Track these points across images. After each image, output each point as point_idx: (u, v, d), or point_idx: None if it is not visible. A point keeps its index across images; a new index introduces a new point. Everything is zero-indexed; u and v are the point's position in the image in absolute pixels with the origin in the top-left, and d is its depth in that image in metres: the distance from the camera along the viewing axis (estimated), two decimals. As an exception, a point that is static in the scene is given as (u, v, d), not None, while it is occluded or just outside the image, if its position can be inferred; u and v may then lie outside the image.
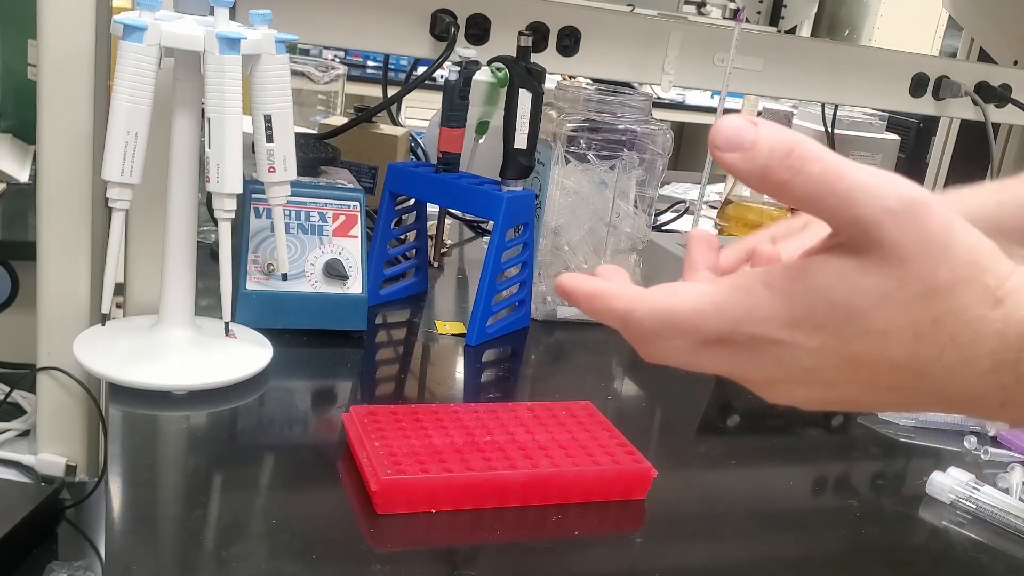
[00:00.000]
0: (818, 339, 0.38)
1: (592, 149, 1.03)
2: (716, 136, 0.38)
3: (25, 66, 1.39)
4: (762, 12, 1.72)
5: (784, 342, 0.39)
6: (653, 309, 0.40)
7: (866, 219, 0.36)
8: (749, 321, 0.39)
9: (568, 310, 1.07)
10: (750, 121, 0.38)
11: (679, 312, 0.40)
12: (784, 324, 0.38)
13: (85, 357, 0.79)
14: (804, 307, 0.38)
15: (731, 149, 0.38)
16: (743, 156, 0.38)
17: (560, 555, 0.66)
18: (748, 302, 0.39)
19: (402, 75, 1.41)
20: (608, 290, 0.42)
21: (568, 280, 0.43)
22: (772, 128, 0.38)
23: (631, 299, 0.41)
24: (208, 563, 0.58)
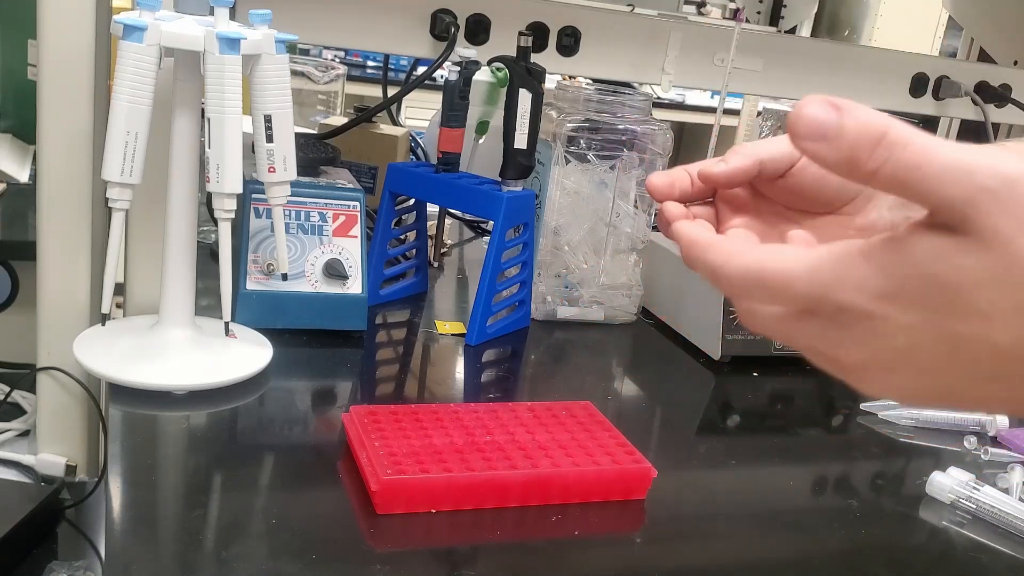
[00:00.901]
0: (914, 315, 0.35)
1: (592, 149, 1.03)
2: (797, 124, 0.37)
3: (25, 66, 1.39)
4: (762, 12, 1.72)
5: (875, 315, 0.36)
6: (743, 266, 0.39)
7: (960, 200, 0.34)
8: (839, 288, 0.36)
9: (568, 310, 1.07)
10: (832, 105, 0.36)
11: (769, 271, 0.38)
12: (876, 295, 0.36)
13: (85, 357, 0.79)
14: (898, 280, 0.36)
15: (814, 138, 0.36)
16: (828, 146, 0.36)
17: (560, 555, 0.67)
18: (840, 268, 0.37)
19: (402, 75, 1.40)
20: (706, 241, 0.41)
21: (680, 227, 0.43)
22: (857, 113, 0.36)
23: (727, 254, 0.40)
24: (208, 563, 0.58)
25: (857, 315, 0.36)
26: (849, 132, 0.36)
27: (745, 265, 0.39)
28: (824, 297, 0.37)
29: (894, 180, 0.36)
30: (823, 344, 0.38)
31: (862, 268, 0.36)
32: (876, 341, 0.37)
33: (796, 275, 0.37)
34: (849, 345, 0.37)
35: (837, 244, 0.37)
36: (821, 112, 0.36)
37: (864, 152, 0.36)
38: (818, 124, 0.36)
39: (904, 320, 0.36)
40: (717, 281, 0.40)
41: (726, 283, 0.40)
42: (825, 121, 0.36)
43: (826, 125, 0.36)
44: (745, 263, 0.39)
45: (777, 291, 0.38)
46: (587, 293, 1.08)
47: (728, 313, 1.00)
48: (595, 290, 1.08)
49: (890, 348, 0.36)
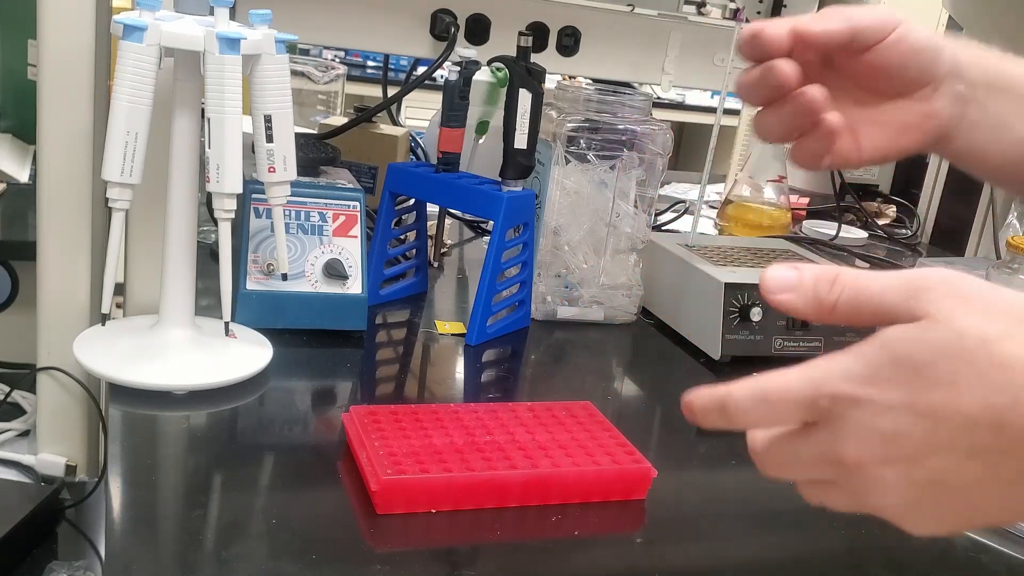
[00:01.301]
0: (893, 394, 0.39)
1: (592, 149, 1.03)
2: (766, 283, 0.43)
3: (25, 66, 1.39)
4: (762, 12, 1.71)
5: (861, 399, 0.39)
6: (745, 387, 0.43)
7: (902, 299, 0.40)
8: (829, 379, 0.40)
9: (568, 310, 1.07)
10: (791, 266, 0.43)
11: (770, 383, 0.42)
12: (859, 380, 0.40)
13: (85, 357, 0.79)
14: (875, 364, 0.40)
15: (782, 291, 0.43)
16: (796, 295, 0.43)
17: (560, 555, 0.66)
18: (828, 364, 0.41)
19: (402, 75, 1.41)
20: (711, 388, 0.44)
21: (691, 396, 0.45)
22: (812, 267, 0.43)
23: (730, 385, 0.43)
24: (208, 563, 0.58)
25: (847, 402, 0.40)
26: (808, 279, 0.43)
27: (748, 386, 0.42)
28: (818, 393, 0.41)
29: (850, 307, 0.42)
30: (823, 446, 0.41)
31: (845, 360, 0.41)
32: (865, 427, 0.40)
33: (791, 378, 0.42)
34: (844, 438, 0.40)
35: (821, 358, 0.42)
36: (783, 272, 0.43)
37: (824, 290, 0.42)
38: (785, 280, 0.43)
39: (886, 400, 0.39)
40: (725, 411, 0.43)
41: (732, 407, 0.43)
42: (789, 276, 0.43)
43: (790, 279, 0.43)
44: (747, 385, 0.43)
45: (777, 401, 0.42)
46: (587, 293, 1.08)
47: (728, 313, 1.00)
48: (595, 290, 1.08)
49: (877, 434, 0.39)
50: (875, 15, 0.57)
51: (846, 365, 0.40)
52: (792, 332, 1.03)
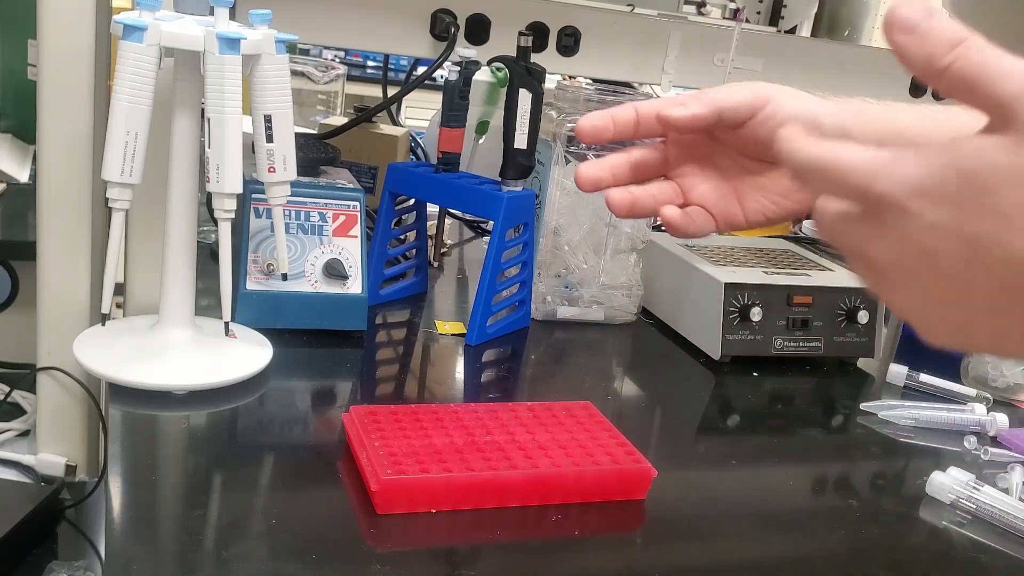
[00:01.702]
0: (942, 213, 0.37)
1: (592, 149, 1.03)
2: (891, 16, 0.40)
3: (25, 66, 1.39)
4: (762, 12, 1.71)
5: (909, 211, 0.37)
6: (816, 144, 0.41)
7: (1007, 96, 0.36)
8: (887, 176, 0.38)
9: (568, 310, 1.07)
10: (926, 11, 0.39)
11: (832, 159, 0.40)
12: (915, 189, 0.37)
13: (85, 357, 0.79)
14: (939, 176, 0.37)
15: (903, 31, 0.39)
16: (913, 39, 0.39)
17: (560, 555, 0.66)
18: (894, 158, 0.38)
19: (402, 75, 1.40)
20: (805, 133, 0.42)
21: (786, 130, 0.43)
22: (947, 20, 0.39)
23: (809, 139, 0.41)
24: (208, 563, 0.58)
25: (894, 209, 0.38)
26: (936, 30, 0.39)
27: (817, 153, 0.41)
28: (872, 185, 0.38)
29: (959, 77, 0.38)
30: (857, 239, 0.40)
31: (912, 162, 0.38)
32: (905, 238, 0.38)
33: (852, 160, 0.39)
34: (879, 241, 0.39)
35: (899, 145, 0.39)
36: (916, 11, 0.39)
37: (942, 49, 0.38)
38: (911, 19, 0.39)
39: (934, 217, 0.37)
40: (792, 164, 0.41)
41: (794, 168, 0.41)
42: (918, 18, 0.39)
43: (917, 21, 0.39)
44: (817, 151, 0.41)
45: (833, 178, 0.40)
46: (587, 293, 1.08)
47: (728, 313, 1.00)
48: (595, 290, 1.08)
49: (916, 248, 0.38)
50: (742, 95, 0.58)
51: (910, 167, 0.38)
52: (792, 332, 1.03)
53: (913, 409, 0.94)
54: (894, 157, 0.38)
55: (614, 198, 0.59)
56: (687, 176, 0.61)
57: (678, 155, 0.61)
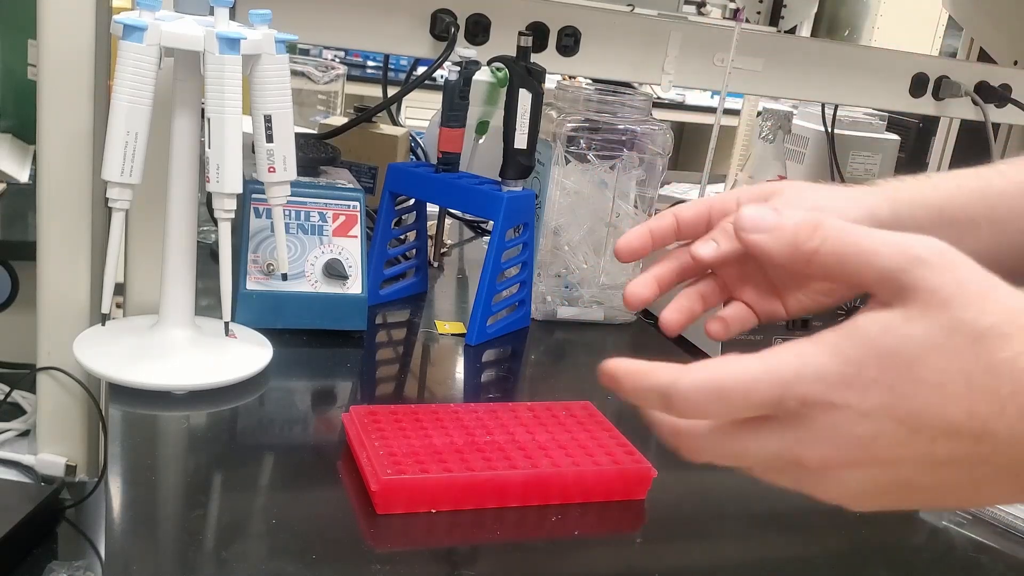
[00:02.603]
0: (872, 399, 0.36)
1: (592, 149, 1.03)
2: (741, 221, 0.40)
3: (25, 66, 1.39)
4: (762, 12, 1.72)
5: (837, 405, 0.36)
6: (698, 379, 0.38)
7: (898, 267, 0.36)
8: (800, 381, 0.37)
9: (568, 310, 1.07)
10: (772, 208, 0.40)
11: (728, 378, 0.38)
12: (836, 383, 0.36)
13: (85, 357, 0.79)
14: (855, 363, 0.36)
15: (757, 231, 0.40)
16: (771, 236, 0.40)
17: (560, 555, 0.66)
18: (798, 361, 0.37)
19: (402, 75, 1.40)
20: (648, 367, 0.40)
21: (612, 364, 0.42)
22: (795, 211, 0.40)
23: (675, 371, 0.39)
24: (208, 563, 0.58)
25: (820, 407, 0.36)
26: (788, 219, 0.40)
27: (700, 378, 0.38)
28: (785, 394, 0.37)
29: (833, 257, 0.38)
30: (783, 447, 0.38)
31: (819, 358, 0.37)
32: (839, 434, 0.36)
33: (755, 375, 0.37)
34: (811, 443, 0.37)
35: (787, 344, 0.38)
36: (759, 211, 0.40)
37: (803, 235, 0.39)
38: (759, 217, 0.40)
39: (865, 406, 0.36)
40: (670, 401, 0.39)
41: (681, 402, 0.38)
42: (765, 214, 0.40)
43: (765, 216, 0.40)
44: (700, 377, 0.38)
45: (737, 400, 0.37)
46: (587, 293, 1.08)
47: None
48: (595, 290, 1.08)
49: (853, 439, 0.36)
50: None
51: (821, 364, 0.37)
52: (792, 332, 1.03)
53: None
54: (797, 357, 0.37)
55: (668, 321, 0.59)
56: (730, 277, 0.60)
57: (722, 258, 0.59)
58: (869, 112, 1.78)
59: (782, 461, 0.38)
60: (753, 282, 0.60)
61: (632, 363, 0.41)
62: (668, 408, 0.39)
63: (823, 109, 1.65)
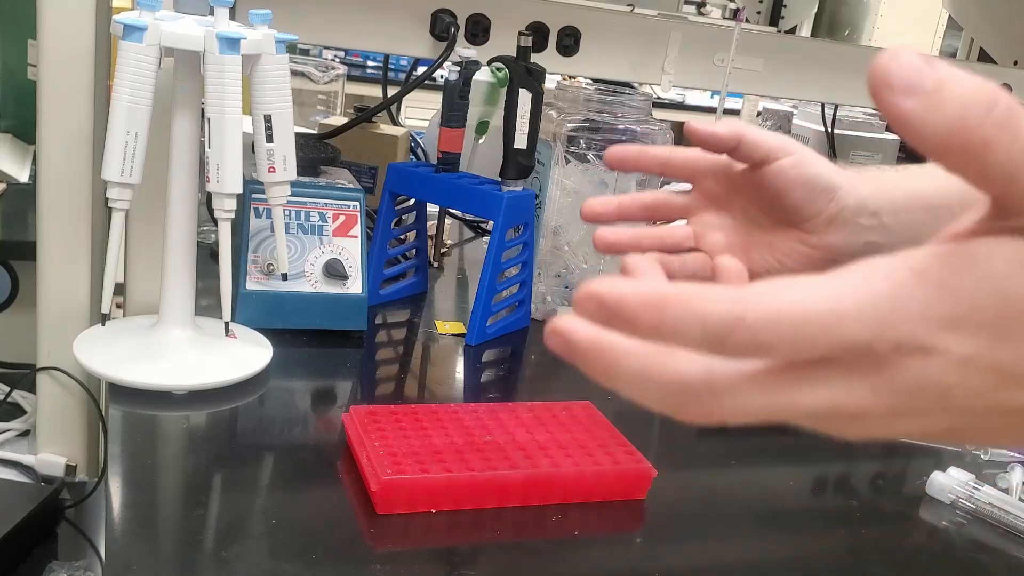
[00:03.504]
0: (972, 345, 0.29)
1: (592, 149, 1.03)
2: (887, 73, 0.28)
3: (25, 66, 1.39)
4: (762, 12, 1.72)
5: (935, 350, 0.29)
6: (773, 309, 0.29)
7: None
8: (900, 321, 0.29)
9: (568, 310, 1.07)
10: (924, 59, 0.28)
11: (812, 311, 0.29)
12: (943, 325, 0.29)
13: (85, 357, 0.79)
14: (969, 303, 0.29)
15: (909, 93, 0.28)
16: (926, 103, 0.28)
17: (560, 555, 0.66)
18: (898, 295, 0.29)
19: (402, 75, 1.40)
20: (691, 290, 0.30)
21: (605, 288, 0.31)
22: (959, 72, 0.28)
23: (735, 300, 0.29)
24: (208, 563, 0.58)
25: (914, 353, 0.29)
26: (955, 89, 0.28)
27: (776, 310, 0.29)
28: (880, 336, 0.29)
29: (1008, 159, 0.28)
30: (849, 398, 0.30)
31: (922, 292, 0.29)
32: (923, 383, 0.30)
33: (844, 311, 0.29)
34: (886, 392, 0.30)
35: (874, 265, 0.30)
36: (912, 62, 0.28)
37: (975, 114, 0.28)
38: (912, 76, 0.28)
39: (961, 351, 0.29)
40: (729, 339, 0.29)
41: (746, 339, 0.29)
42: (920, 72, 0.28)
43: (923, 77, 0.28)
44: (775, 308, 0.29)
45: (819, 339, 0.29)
46: (587, 293, 1.08)
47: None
48: (595, 290, 1.08)
49: (934, 388, 0.30)
50: (769, 137, 0.58)
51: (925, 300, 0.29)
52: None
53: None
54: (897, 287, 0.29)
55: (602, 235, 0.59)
56: (703, 224, 0.61)
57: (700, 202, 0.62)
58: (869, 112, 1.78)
59: (841, 412, 0.31)
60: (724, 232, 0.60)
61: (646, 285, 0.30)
62: (720, 347, 0.29)
63: (823, 109, 1.65)
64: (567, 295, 1.07)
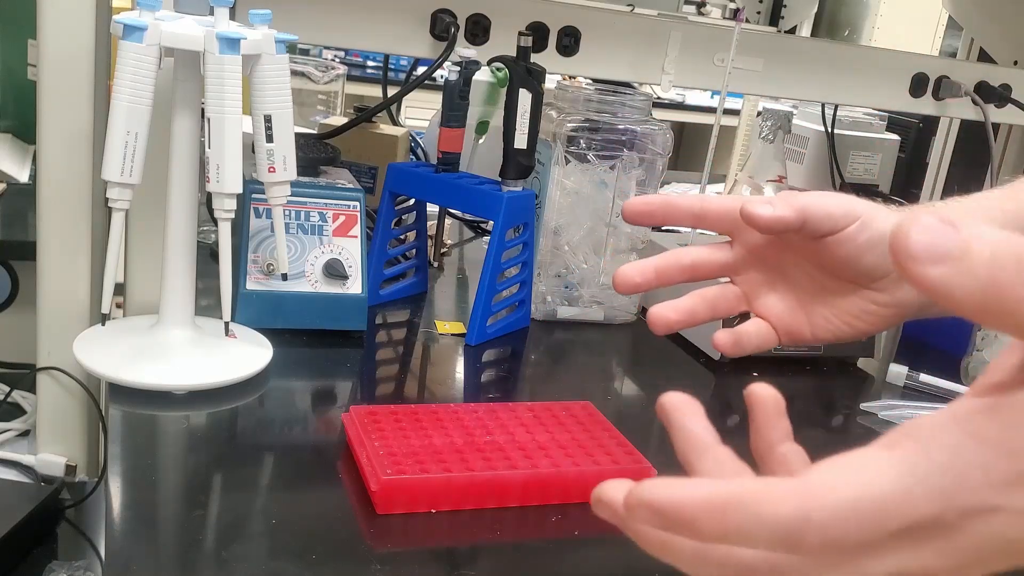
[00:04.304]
0: None
1: (592, 149, 1.03)
2: (909, 244, 0.27)
3: (25, 66, 1.39)
4: (762, 12, 1.72)
5: (1001, 509, 0.29)
6: (837, 503, 0.29)
7: None
8: (964, 490, 0.29)
9: (568, 310, 1.07)
10: (946, 221, 0.28)
11: (877, 497, 0.29)
12: (1006, 484, 0.28)
13: (85, 357, 0.79)
14: None
15: (935, 261, 0.27)
16: (956, 269, 0.27)
17: (560, 555, 0.66)
18: (958, 466, 0.29)
19: (402, 75, 1.40)
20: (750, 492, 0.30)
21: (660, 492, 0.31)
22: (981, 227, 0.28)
23: (799, 497, 0.29)
24: (208, 563, 0.58)
25: (982, 513, 0.29)
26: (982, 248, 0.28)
27: (839, 502, 0.29)
28: (947, 508, 0.29)
29: None
30: (916, 564, 0.30)
31: (980, 455, 0.29)
32: (991, 540, 0.29)
33: (910, 490, 0.29)
34: (953, 553, 0.30)
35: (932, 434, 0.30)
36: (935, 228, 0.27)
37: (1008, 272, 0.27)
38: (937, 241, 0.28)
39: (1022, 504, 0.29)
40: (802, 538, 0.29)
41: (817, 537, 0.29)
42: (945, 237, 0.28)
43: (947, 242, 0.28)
44: (839, 499, 0.29)
45: (891, 523, 0.29)
46: (587, 293, 1.08)
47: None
48: (595, 290, 1.08)
49: (1003, 543, 0.29)
50: (833, 205, 0.52)
51: (984, 462, 0.29)
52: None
53: (913, 409, 0.94)
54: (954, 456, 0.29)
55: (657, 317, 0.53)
56: (752, 283, 0.55)
57: (745, 259, 0.56)
58: (869, 112, 1.78)
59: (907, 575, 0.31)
60: (779, 292, 0.54)
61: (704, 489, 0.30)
62: (792, 549, 0.29)
63: (823, 109, 1.65)
64: (567, 295, 1.08)
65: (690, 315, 0.54)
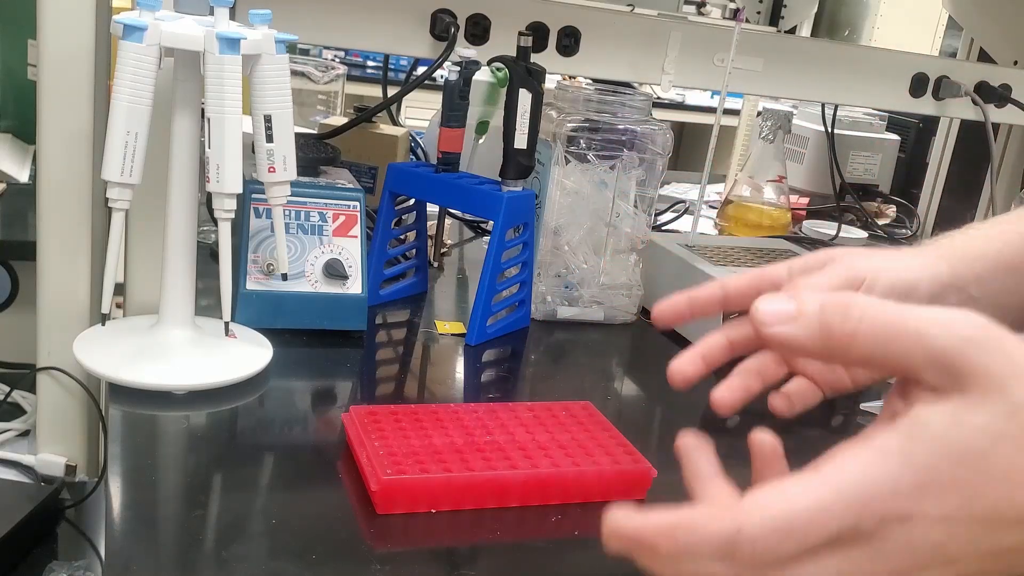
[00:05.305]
0: (948, 503, 0.33)
1: (592, 149, 1.03)
2: (759, 316, 0.36)
3: (25, 66, 1.39)
4: (762, 12, 1.72)
5: (914, 516, 0.33)
6: (765, 518, 0.34)
7: (947, 351, 0.34)
8: (875, 499, 0.34)
9: (568, 310, 1.07)
10: (788, 295, 0.36)
11: (799, 511, 0.34)
12: (912, 494, 0.33)
13: (85, 357, 0.79)
14: (929, 467, 0.34)
15: (780, 322, 0.36)
16: (796, 326, 0.36)
17: (560, 555, 0.66)
18: (868, 478, 0.34)
19: (402, 75, 1.40)
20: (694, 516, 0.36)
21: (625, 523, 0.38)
22: (815, 293, 0.36)
23: (733, 515, 0.35)
24: (208, 563, 0.58)
25: (896, 520, 0.34)
26: (812, 307, 0.36)
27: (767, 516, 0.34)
28: (862, 516, 0.34)
29: (875, 339, 0.35)
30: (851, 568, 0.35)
31: (889, 468, 0.34)
32: (914, 544, 0.34)
33: (827, 504, 0.34)
34: (883, 558, 0.34)
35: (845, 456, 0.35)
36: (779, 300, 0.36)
37: (836, 317, 0.35)
38: (781, 308, 0.37)
39: (942, 511, 0.33)
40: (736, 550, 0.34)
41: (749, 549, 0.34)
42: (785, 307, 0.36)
43: (787, 309, 0.36)
44: (767, 516, 0.34)
45: (812, 534, 0.34)
46: (587, 293, 1.08)
47: (728, 313, 1.00)
48: (595, 290, 1.08)
49: (927, 547, 0.34)
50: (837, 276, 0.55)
51: (893, 476, 0.34)
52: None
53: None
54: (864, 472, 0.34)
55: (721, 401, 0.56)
56: None
57: None
58: (869, 112, 1.78)
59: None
60: None
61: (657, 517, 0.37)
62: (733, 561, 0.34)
63: (823, 109, 1.65)
64: (567, 295, 1.07)
65: (746, 391, 0.58)
